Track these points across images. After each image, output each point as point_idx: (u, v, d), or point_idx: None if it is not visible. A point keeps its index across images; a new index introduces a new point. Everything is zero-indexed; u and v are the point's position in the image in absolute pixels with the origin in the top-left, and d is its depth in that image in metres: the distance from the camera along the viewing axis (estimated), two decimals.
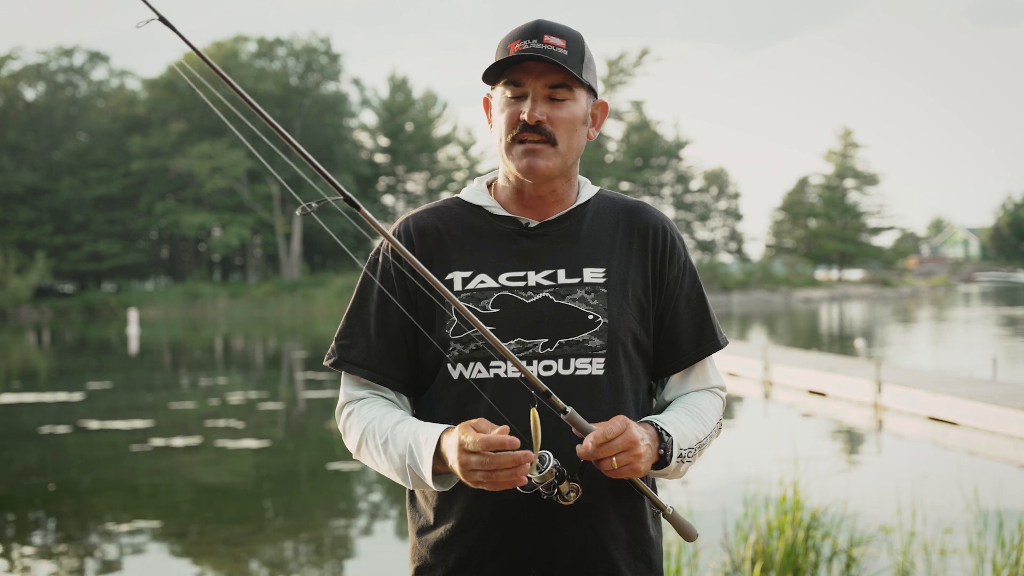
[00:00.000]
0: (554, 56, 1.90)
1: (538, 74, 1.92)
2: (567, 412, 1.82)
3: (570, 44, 1.93)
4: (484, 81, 2.00)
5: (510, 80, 1.94)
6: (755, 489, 5.95)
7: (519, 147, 1.94)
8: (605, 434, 1.81)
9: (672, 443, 1.91)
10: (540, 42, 1.91)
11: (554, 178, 1.98)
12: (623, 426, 1.83)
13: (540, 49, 1.90)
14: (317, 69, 63.81)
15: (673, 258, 2.05)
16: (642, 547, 2.00)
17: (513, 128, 1.94)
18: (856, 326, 34.80)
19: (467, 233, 2.02)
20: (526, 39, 1.92)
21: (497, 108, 1.98)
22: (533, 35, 1.92)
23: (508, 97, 1.95)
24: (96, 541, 7.86)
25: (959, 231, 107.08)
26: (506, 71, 1.94)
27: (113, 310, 53.76)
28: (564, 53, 1.91)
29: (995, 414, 11.68)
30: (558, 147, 1.94)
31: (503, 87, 1.95)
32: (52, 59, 63.40)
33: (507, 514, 1.91)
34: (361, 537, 8.14)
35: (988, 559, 5.22)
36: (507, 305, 1.96)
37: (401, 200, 69.26)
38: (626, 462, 1.82)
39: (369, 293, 2.05)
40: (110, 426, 13.62)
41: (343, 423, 2.04)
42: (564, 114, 1.94)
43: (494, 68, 1.94)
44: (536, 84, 1.92)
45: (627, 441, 1.82)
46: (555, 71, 1.92)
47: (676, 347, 2.06)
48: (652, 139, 67.99)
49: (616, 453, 1.81)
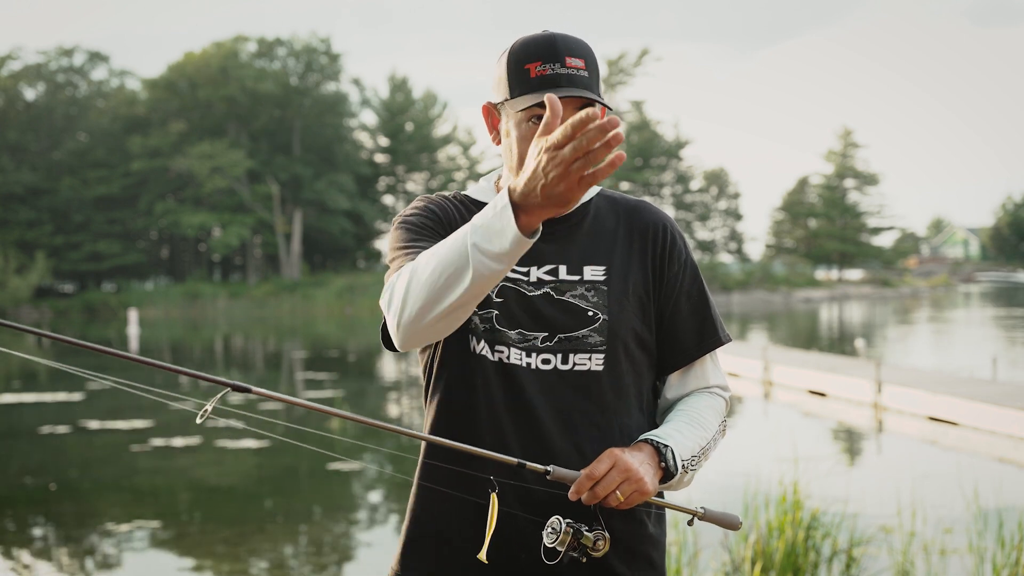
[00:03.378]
0: (578, 83, 1.89)
1: (566, 104, 1.89)
2: (550, 472, 1.82)
3: (588, 63, 1.92)
4: (499, 93, 1.95)
5: (536, 107, 1.89)
6: (755, 489, 5.95)
7: None
8: (591, 476, 1.82)
9: (672, 455, 1.91)
10: (564, 66, 1.89)
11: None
12: (611, 460, 1.83)
13: (567, 76, 1.88)
14: (317, 69, 63.82)
15: (673, 255, 2.06)
16: (643, 546, 2.00)
17: None
18: (856, 326, 34.80)
19: None
20: (548, 63, 1.89)
21: (517, 131, 1.94)
22: (554, 57, 1.90)
23: (532, 122, 1.91)
24: (96, 541, 7.86)
25: (959, 231, 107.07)
26: (532, 103, 1.89)
27: (113, 310, 53.75)
28: (586, 76, 1.90)
29: (995, 414, 11.68)
30: None
31: (525, 112, 1.91)
32: (52, 59, 63.42)
33: (504, 518, 1.91)
34: (361, 537, 8.14)
35: (988, 559, 5.23)
36: (510, 296, 1.96)
37: (401, 200, 69.25)
38: (630, 491, 1.83)
39: (413, 230, 1.97)
40: (110, 426, 13.62)
41: (388, 286, 1.84)
42: None
43: (528, 99, 1.88)
44: (565, 112, 1.88)
45: (621, 472, 1.82)
46: (581, 99, 1.90)
47: (678, 344, 2.06)
48: (652, 139, 67.97)
49: (615, 487, 1.82)
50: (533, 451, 1.91)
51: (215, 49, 61.75)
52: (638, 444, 1.92)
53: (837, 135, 73.51)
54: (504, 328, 1.95)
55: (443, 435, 1.92)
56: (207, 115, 62.11)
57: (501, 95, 1.96)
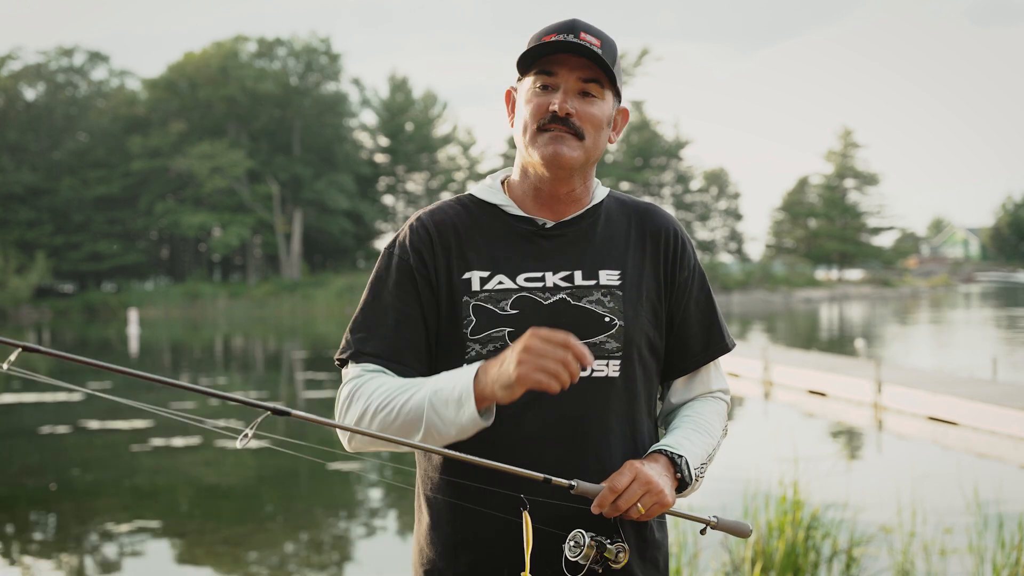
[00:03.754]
0: (589, 54, 1.90)
1: (572, 67, 1.91)
2: (575, 486, 1.82)
3: (604, 45, 1.93)
4: (517, 68, 1.96)
5: (543, 70, 1.92)
6: (755, 489, 5.95)
7: (545, 135, 1.93)
8: (613, 489, 1.82)
9: (687, 465, 1.92)
10: (577, 38, 1.90)
11: (574, 173, 1.97)
12: (632, 473, 1.83)
13: (576, 44, 1.89)
14: (317, 69, 63.81)
15: (683, 261, 2.06)
16: (648, 549, 2.00)
17: (541, 118, 1.93)
18: (856, 326, 34.80)
19: (483, 232, 2.00)
20: (562, 33, 1.91)
21: (523, 98, 1.96)
22: (570, 30, 1.91)
23: (538, 87, 1.93)
24: (96, 541, 7.86)
25: (959, 231, 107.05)
26: (540, 60, 1.93)
27: (113, 310, 53.72)
28: (599, 52, 1.91)
29: (995, 414, 11.68)
30: (584, 142, 1.94)
31: (534, 76, 1.94)
32: (52, 59, 63.40)
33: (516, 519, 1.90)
34: (361, 537, 8.14)
35: (988, 559, 5.22)
36: (526, 306, 1.95)
37: (401, 200, 69.26)
38: (651, 503, 1.83)
39: (385, 285, 2.00)
40: (110, 426, 13.63)
41: (343, 401, 1.92)
42: (594, 110, 1.93)
43: (530, 54, 1.92)
44: (570, 77, 1.91)
45: (642, 484, 1.83)
46: (589, 66, 1.91)
47: (685, 349, 2.06)
48: (652, 139, 67.97)
49: (637, 500, 1.82)
50: (553, 465, 1.88)
51: (215, 49, 61.74)
52: (653, 455, 1.92)
53: (837, 135, 73.54)
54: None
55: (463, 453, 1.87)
56: (207, 115, 62.11)
57: (517, 73, 1.97)
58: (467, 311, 1.95)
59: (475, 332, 1.94)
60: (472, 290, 1.95)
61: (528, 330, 1.75)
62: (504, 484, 1.85)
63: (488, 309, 1.94)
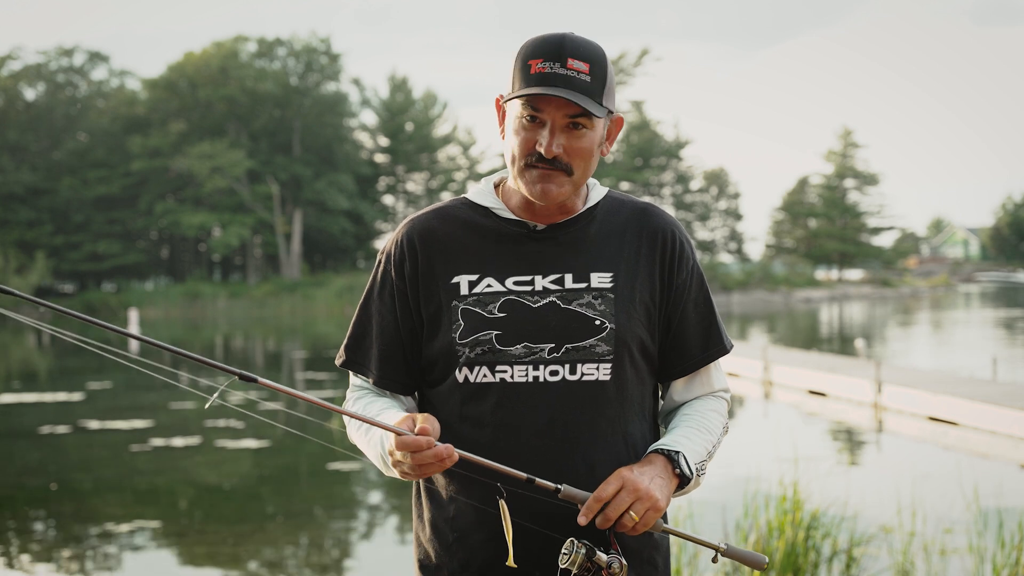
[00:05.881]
0: (576, 86, 1.86)
1: (558, 105, 1.87)
2: (560, 490, 1.82)
3: (593, 68, 1.88)
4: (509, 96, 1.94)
5: (529, 103, 1.89)
6: (755, 489, 5.95)
7: (533, 172, 1.91)
8: (599, 498, 1.81)
9: (685, 460, 1.92)
10: (564, 66, 1.86)
11: (566, 199, 1.98)
12: (619, 482, 1.82)
13: (563, 77, 1.85)
14: (317, 69, 63.80)
15: (682, 263, 2.04)
16: (647, 549, 2.00)
17: (528, 155, 1.91)
18: (856, 326, 34.80)
19: (473, 235, 2.00)
20: (549, 60, 1.86)
21: (512, 125, 1.93)
22: (557, 57, 1.86)
23: (526, 120, 1.90)
24: (96, 541, 7.86)
25: (959, 231, 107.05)
26: (524, 94, 1.89)
27: (113, 310, 53.71)
28: (587, 80, 1.86)
29: (995, 414, 11.68)
30: (573, 176, 1.92)
31: (522, 104, 1.90)
32: (52, 59, 63.43)
33: (521, 533, 1.89)
34: (361, 537, 8.14)
35: (988, 559, 5.23)
36: (514, 310, 1.94)
37: (401, 200, 69.26)
38: (643, 510, 1.82)
39: (371, 296, 2.07)
40: (110, 426, 13.62)
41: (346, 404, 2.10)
42: (583, 144, 1.90)
43: (520, 93, 1.89)
44: (556, 114, 1.87)
45: (630, 492, 1.82)
46: (572, 104, 1.87)
47: (683, 351, 2.05)
48: (652, 139, 67.95)
49: (625, 509, 1.81)
50: (541, 468, 1.88)
51: (215, 49, 61.72)
52: (648, 457, 1.92)
53: (837, 135, 73.52)
54: (506, 347, 1.92)
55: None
56: (207, 115, 62.10)
57: (507, 90, 1.95)
58: (456, 315, 1.95)
59: (463, 336, 1.94)
60: (461, 294, 1.96)
61: (392, 439, 1.83)
62: (491, 479, 1.85)
63: (476, 313, 1.94)
